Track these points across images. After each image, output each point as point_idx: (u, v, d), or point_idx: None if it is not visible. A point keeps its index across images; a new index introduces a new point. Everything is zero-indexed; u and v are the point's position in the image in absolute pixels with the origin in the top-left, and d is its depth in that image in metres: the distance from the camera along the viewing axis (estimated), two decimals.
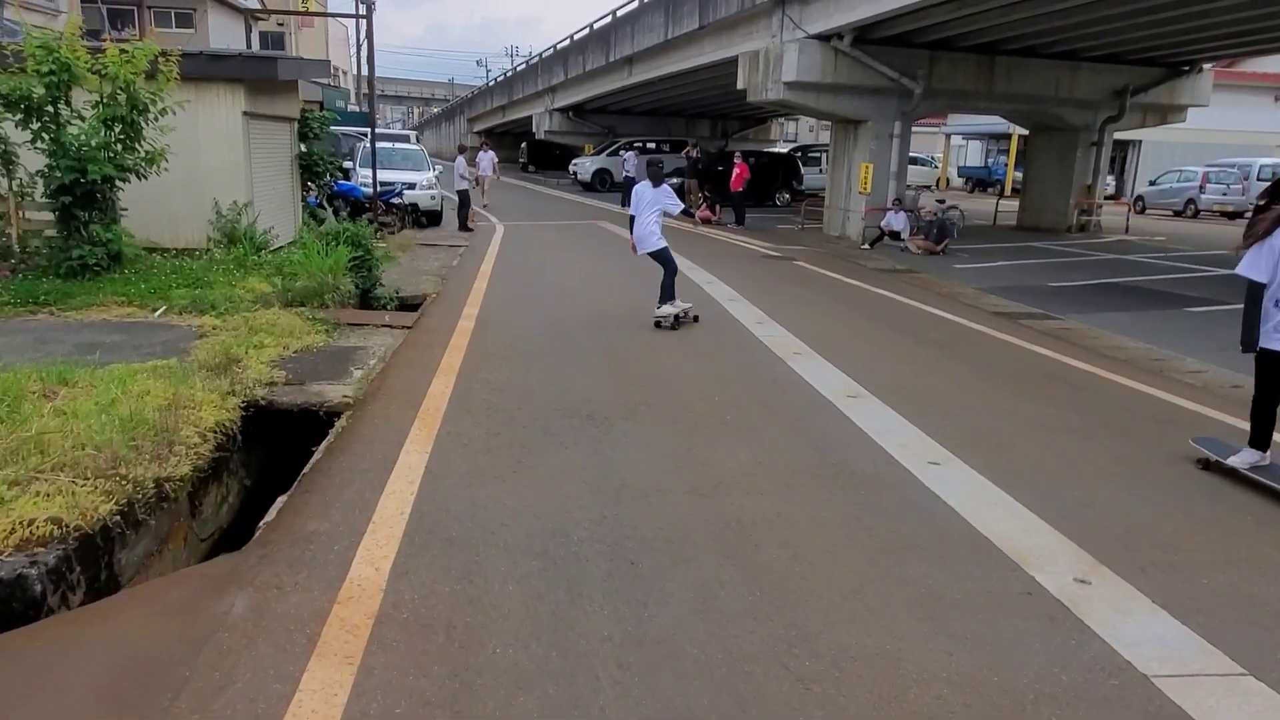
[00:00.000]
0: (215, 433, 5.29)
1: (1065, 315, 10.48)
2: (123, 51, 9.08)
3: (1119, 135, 22.15)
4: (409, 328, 8.37)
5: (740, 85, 19.09)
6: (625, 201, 25.42)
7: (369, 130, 30.13)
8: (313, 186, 15.48)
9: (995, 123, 34.45)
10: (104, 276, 9.02)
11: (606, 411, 5.77)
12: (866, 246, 17.30)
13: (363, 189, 16.59)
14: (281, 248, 11.67)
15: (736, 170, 20.17)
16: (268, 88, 12.41)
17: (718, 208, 21.00)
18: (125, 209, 9.75)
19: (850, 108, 17.89)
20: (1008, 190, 36.42)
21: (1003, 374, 7.33)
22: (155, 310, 8.26)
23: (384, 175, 17.97)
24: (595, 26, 29.45)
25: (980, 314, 10.40)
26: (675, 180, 26.39)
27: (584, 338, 8.16)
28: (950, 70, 17.91)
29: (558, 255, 15.02)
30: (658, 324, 8.68)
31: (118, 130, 9.20)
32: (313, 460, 4.77)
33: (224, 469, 5.59)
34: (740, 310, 9.76)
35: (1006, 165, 36.89)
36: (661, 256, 9.04)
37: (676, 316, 8.76)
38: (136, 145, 9.36)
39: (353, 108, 47.16)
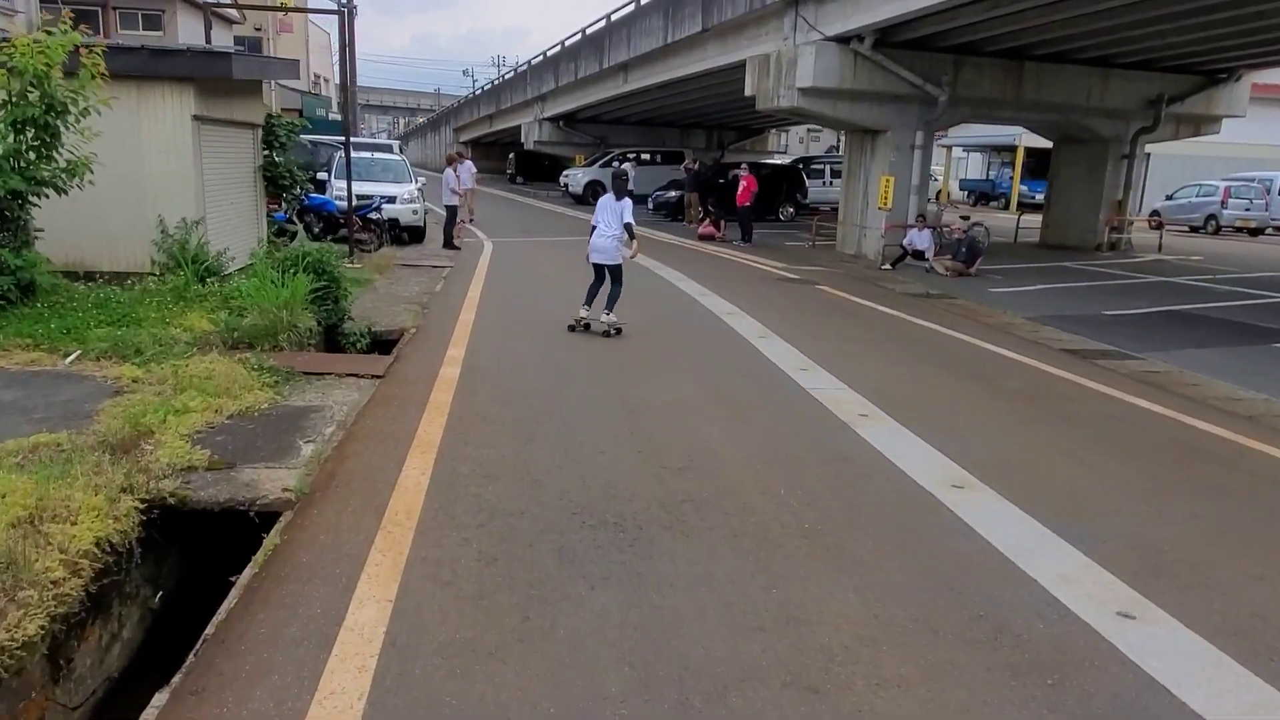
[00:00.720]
0: (94, 557, 3.77)
1: (1144, 354, 9.05)
2: (35, 41, 7.52)
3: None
4: (380, 377, 6.83)
5: (748, 92, 17.68)
6: None
7: (353, 139, 28.66)
8: (283, 200, 13.93)
9: (998, 134, 33.29)
10: (11, 312, 7.44)
11: (640, 514, 4.26)
12: (888, 267, 15.89)
13: (337, 203, 15.03)
14: (240, 270, 10.11)
15: (743, 183, 18.73)
16: (223, 89, 10.87)
17: (722, 224, 19.55)
18: (41, 230, 8.19)
19: (869, 116, 16.51)
20: (1013, 204, 35.27)
21: (1131, 447, 5.85)
22: (66, 356, 6.69)
23: (361, 188, 16.41)
24: (588, 31, 28.05)
25: (1046, 352, 8.97)
26: (674, 193, 25.04)
27: (595, 391, 6.64)
28: (976, 76, 16.57)
29: (553, 278, 13.49)
30: (584, 326, 8.99)
31: (30, 135, 7.64)
32: (215, 621, 3.21)
33: (111, 600, 4.05)
34: (775, 351, 8.27)
35: (1012, 178, 35.71)
36: (614, 272, 9.13)
37: (608, 330, 8.89)
38: (54, 154, 7.81)
39: (334, 116, 45.67)
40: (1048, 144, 35.03)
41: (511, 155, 44.27)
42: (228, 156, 11.56)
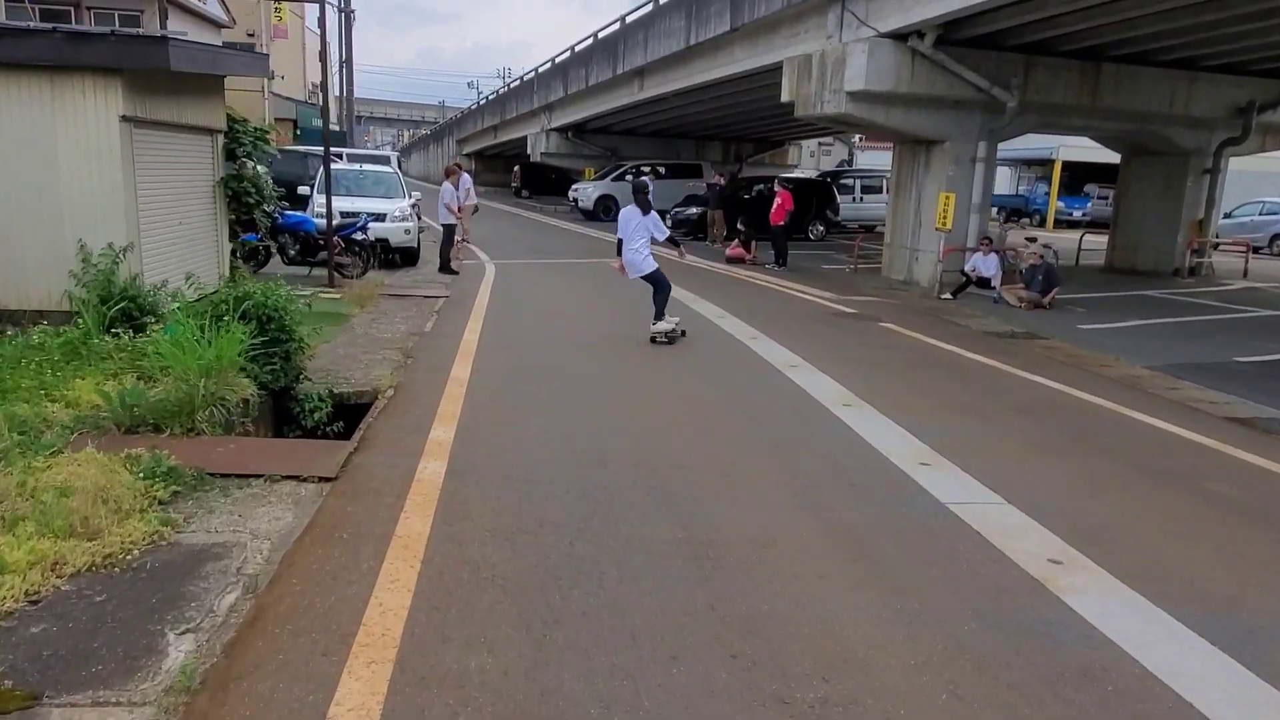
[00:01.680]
0: None
1: None
2: None
3: None
4: (330, 479, 4.77)
5: (785, 97, 15.66)
6: None
7: (345, 150, 26.71)
8: (259, 218, 11.92)
9: (1031, 147, 31.22)
10: None
11: None
12: (948, 296, 13.82)
13: (316, 221, 13.01)
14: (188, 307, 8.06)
15: (778, 199, 16.66)
16: (167, 85, 8.88)
17: (753, 245, 17.48)
18: None
19: (926, 124, 14.48)
20: (1049, 222, 33.22)
21: None
22: None
23: (346, 204, 14.43)
24: (600, 35, 26.11)
25: (1210, 422, 6.88)
26: (695, 210, 22.99)
27: (645, 517, 4.54)
28: (1048, 79, 14.54)
29: (568, 311, 11.45)
30: (653, 340, 8.84)
31: None
32: None
33: None
34: (876, 431, 6.16)
35: (1049, 194, 33.67)
36: (654, 278, 9.06)
37: (668, 334, 8.91)
38: None
39: (333, 126, 43.80)
40: (1086, 159, 33.27)
41: (517, 168, 42.34)
42: (175, 167, 9.56)
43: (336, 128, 42.54)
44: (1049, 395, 7.60)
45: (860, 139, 49.94)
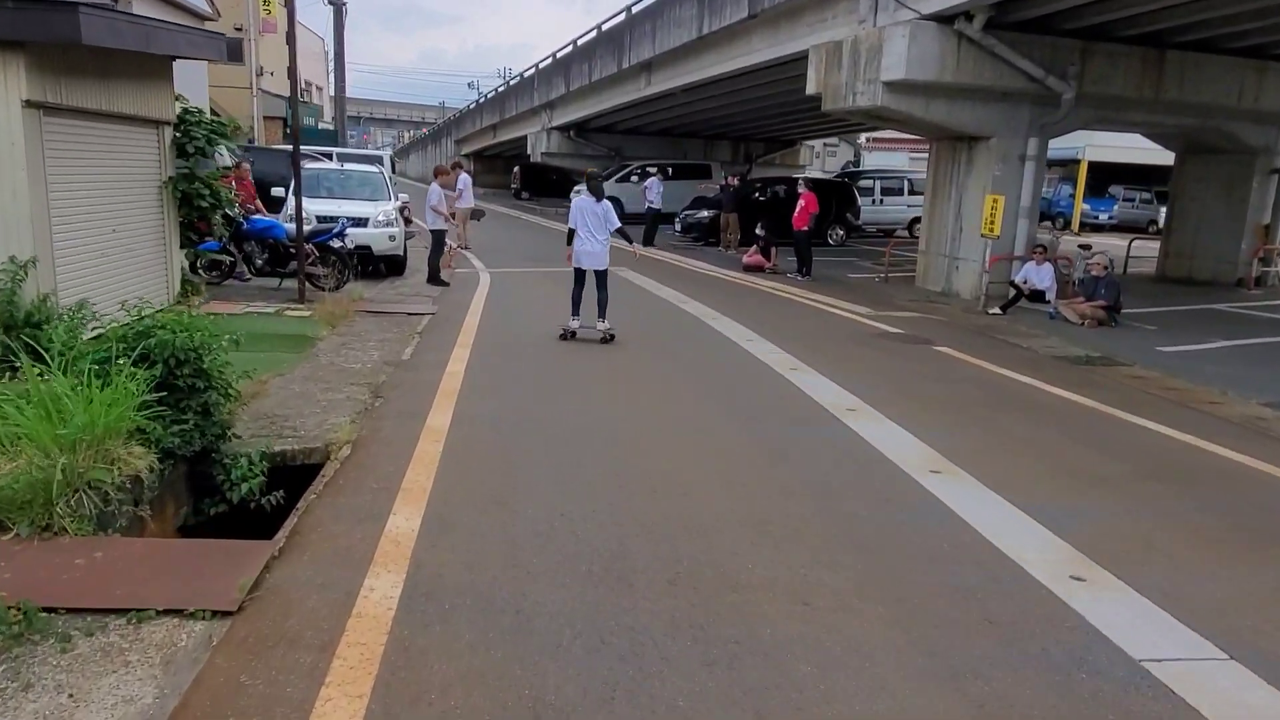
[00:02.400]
0: None
1: None
2: None
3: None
4: (228, 613, 3.26)
5: (811, 90, 14.17)
6: (648, 239, 20.50)
7: (335, 149, 25.19)
8: (217, 224, 10.44)
9: (1054, 147, 29.67)
10: None
11: None
12: (997, 311, 12.30)
13: (288, 226, 11.49)
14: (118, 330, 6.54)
15: (802, 202, 15.12)
16: (92, 65, 7.41)
17: (773, 251, 15.95)
18: None
19: (970, 118, 12.98)
20: (1074, 224, 31.71)
21: None
22: None
23: (323, 207, 12.95)
24: (605, 28, 24.60)
25: None
26: (706, 213, 21.45)
27: (697, 670, 3.03)
28: (1107, 68, 13.02)
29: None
30: (572, 335, 8.81)
31: None
32: None
33: None
34: (977, 509, 4.65)
35: (1073, 196, 32.15)
36: (604, 279, 8.96)
37: (609, 333, 8.81)
38: None
39: (325, 125, 42.25)
40: (1111, 159, 31.74)
41: (516, 169, 40.81)
42: (105, 165, 8.06)
43: (329, 126, 41.07)
44: (1173, 450, 6.08)
45: (868, 139, 48.46)
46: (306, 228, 11.49)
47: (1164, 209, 32.83)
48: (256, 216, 11.68)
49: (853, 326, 10.64)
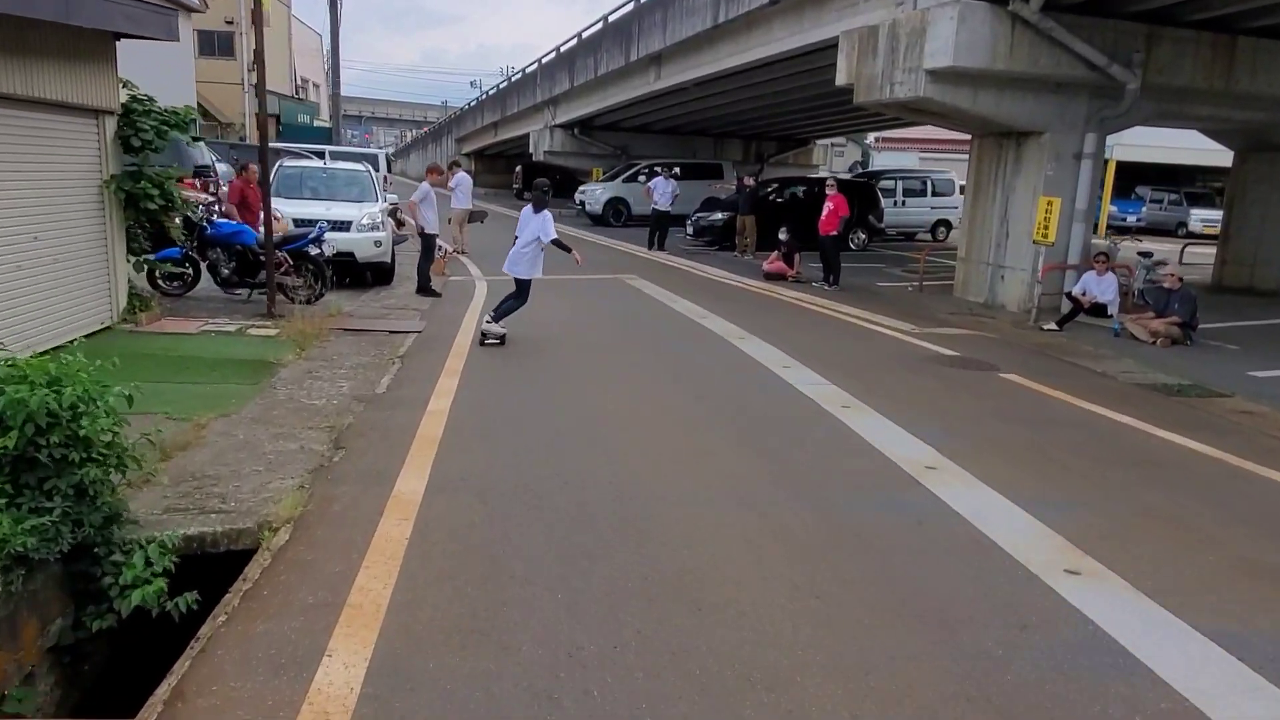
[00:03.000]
0: None
1: None
2: None
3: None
4: None
5: (841, 81, 12.85)
6: (652, 243, 19.17)
7: (328, 148, 23.90)
8: (172, 230, 9.19)
9: None
10: None
11: None
12: (1053, 327, 10.97)
13: (258, 232, 10.18)
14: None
15: (830, 204, 13.76)
16: (7, 39, 6.11)
17: (797, 258, 14.62)
18: None
19: (1021, 111, 11.65)
20: (1101, 228, 30.32)
21: None
22: None
23: (301, 209, 11.69)
24: (611, 18, 23.27)
25: None
26: (720, 215, 20.13)
27: None
28: (1174, 56, 11.67)
29: (580, 357, 8.61)
30: (482, 340, 8.43)
31: None
32: None
33: None
34: (1167, 650, 3.33)
35: (1100, 197, 30.71)
36: (525, 289, 8.78)
37: (500, 338, 8.48)
38: None
39: (320, 122, 40.96)
40: (1137, 159, 30.38)
41: (518, 168, 39.43)
42: (22, 161, 6.77)
43: (325, 124, 39.78)
44: None
45: (876, 139, 47.14)
46: (280, 232, 10.23)
47: (1193, 210, 31.96)
48: (221, 220, 10.38)
49: (899, 347, 9.31)
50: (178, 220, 9.49)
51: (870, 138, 45.73)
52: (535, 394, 6.84)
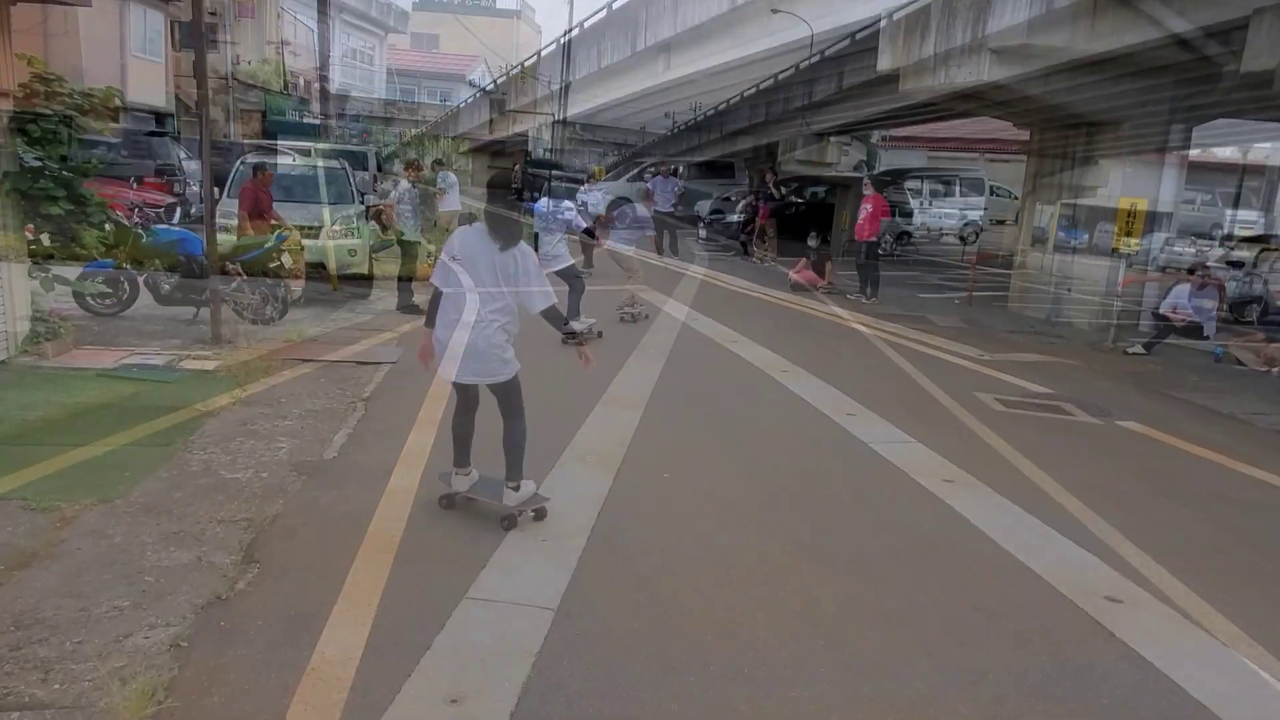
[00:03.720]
0: None
1: None
2: None
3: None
4: None
5: (884, 67, 11.29)
6: (661, 248, 17.58)
7: (313, 145, 22.29)
8: (87, 238, 7.55)
9: None
10: None
11: None
12: (1140, 351, 9.39)
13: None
14: None
15: (867, 206, 12.12)
16: None
17: (828, 266, 13.00)
18: None
19: (1098, 97, 10.07)
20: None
21: None
22: None
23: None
24: (615, 5, 21.69)
25: None
26: (737, 217, 18.55)
27: None
28: (1275, 35, 10.07)
29: (585, 405, 6.92)
30: (567, 337, 5.55)
31: None
32: None
33: None
34: None
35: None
36: (570, 273, 8.45)
37: (584, 332, 8.02)
38: None
39: (309, 119, 39.27)
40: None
41: (516, 167, 37.86)
42: None
43: (314, 120, 38.12)
44: None
45: (883, 137, 45.41)
46: (232, 240, 8.65)
47: (1229, 211, 30.30)
48: (162, 226, 8.79)
49: (973, 381, 7.69)
50: (108, 226, 7.90)
51: (877, 135, 44.11)
52: (532, 459, 5.21)
